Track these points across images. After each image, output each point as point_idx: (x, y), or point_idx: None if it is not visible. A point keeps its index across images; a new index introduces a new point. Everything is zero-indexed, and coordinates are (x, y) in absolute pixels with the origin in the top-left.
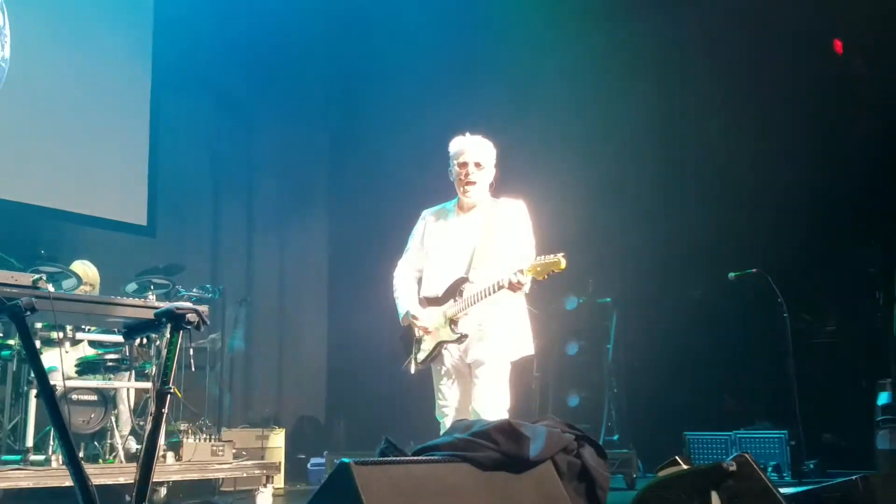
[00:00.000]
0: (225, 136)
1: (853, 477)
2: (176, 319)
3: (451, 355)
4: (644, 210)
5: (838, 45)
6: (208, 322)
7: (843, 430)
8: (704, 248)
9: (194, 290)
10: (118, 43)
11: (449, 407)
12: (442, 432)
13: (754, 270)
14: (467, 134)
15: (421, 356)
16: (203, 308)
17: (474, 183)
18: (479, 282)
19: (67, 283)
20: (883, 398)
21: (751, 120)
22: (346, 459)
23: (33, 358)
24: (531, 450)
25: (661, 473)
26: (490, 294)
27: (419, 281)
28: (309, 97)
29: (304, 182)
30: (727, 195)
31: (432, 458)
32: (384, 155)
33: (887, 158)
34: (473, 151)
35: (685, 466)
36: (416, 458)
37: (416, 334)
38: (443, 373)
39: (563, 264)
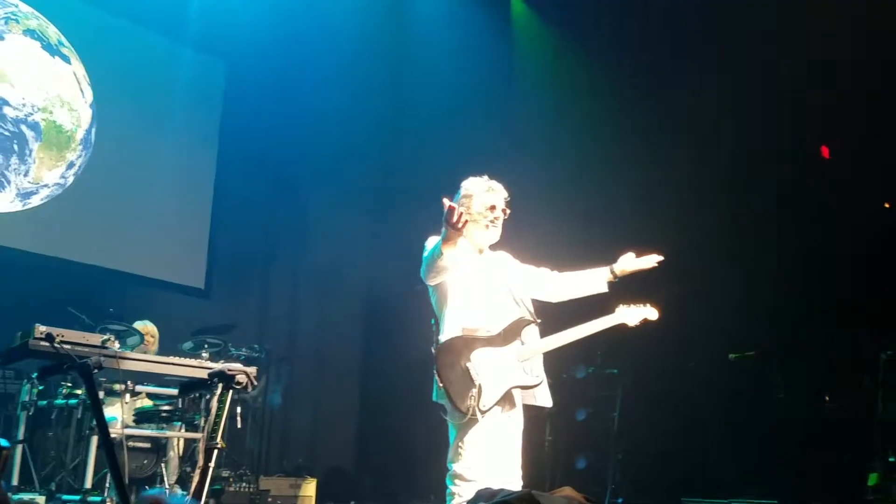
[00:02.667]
0: (278, 212)
1: None
2: (227, 380)
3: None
4: (646, 290)
5: (825, 150)
6: (256, 383)
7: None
8: (706, 326)
9: (243, 349)
10: (189, 124)
11: (476, 468)
12: (454, 499)
13: (753, 353)
14: (486, 177)
15: (489, 400)
16: (252, 370)
17: (496, 228)
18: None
19: (131, 340)
20: (873, 479)
21: (745, 209)
22: None
23: (97, 411)
24: None
25: None
26: (597, 329)
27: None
28: (354, 183)
29: (345, 256)
30: (727, 278)
31: None
32: (417, 239)
33: (868, 252)
34: (503, 198)
35: None
36: None
37: (475, 380)
38: (493, 424)
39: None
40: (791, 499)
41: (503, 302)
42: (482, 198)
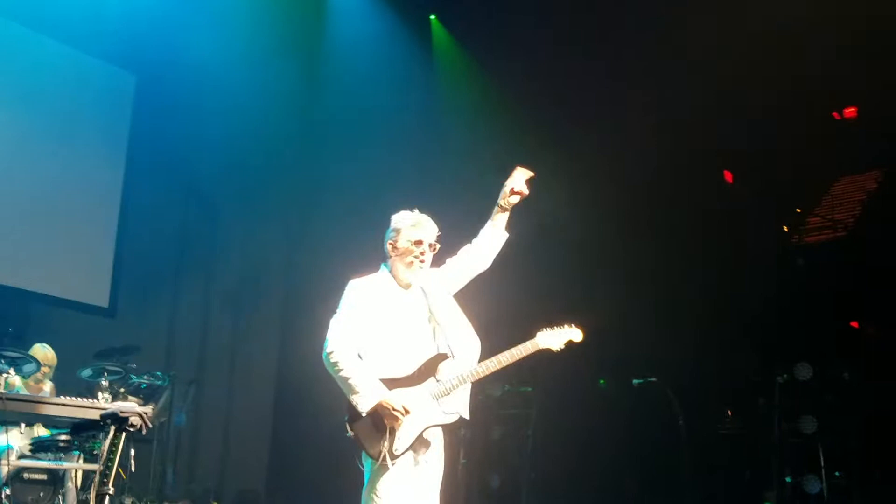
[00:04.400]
0: (190, 225)
1: None
2: (120, 422)
3: (430, 433)
4: (560, 309)
5: (728, 175)
6: (151, 425)
7: None
8: (612, 348)
9: (145, 376)
10: (93, 132)
11: None
12: None
13: (654, 379)
14: (416, 211)
15: (402, 444)
16: (147, 409)
17: (424, 263)
18: (459, 357)
19: (28, 368)
20: None
21: (651, 237)
22: None
23: None
24: None
25: None
26: (517, 357)
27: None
28: (269, 194)
29: (260, 270)
30: (633, 302)
31: None
32: (337, 250)
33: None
34: (431, 233)
35: None
36: None
37: (388, 423)
38: (407, 470)
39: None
40: None
41: (421, 340)
42: (408, 233)
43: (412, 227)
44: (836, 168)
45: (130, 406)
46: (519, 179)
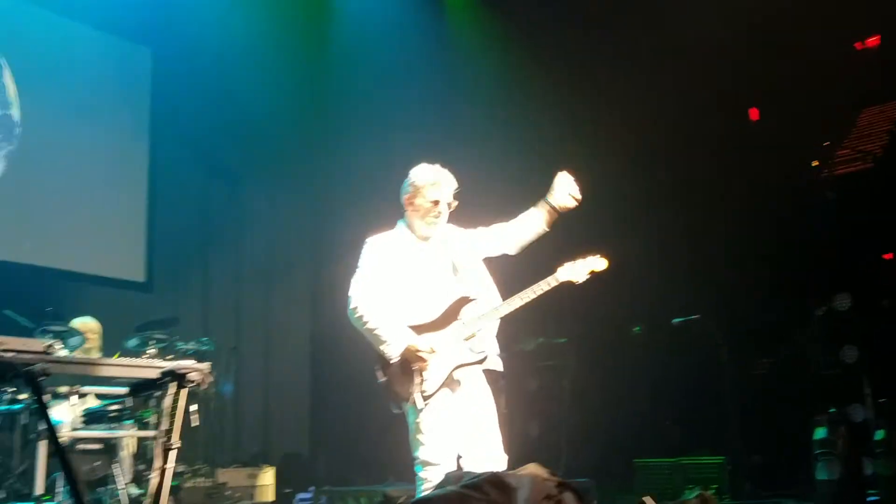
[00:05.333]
0: (216, 200)
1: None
2: (179, 378)
3: (468, 376)
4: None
5: (754, 112)
6: (212, 379)
7: (777, 456)
8: (645, 293)
9: (191, 343)
10: (119, 115)
11: (439, 452)
12: (424, 483)
13: (696, 317)
14: (438, 166)
15: (432, 385)
16: (205, 366)
17: (441, 217)
18: (483, 300)
19: (73, 341)
20: (819, 433)
21: (681, 177)
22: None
23: (45, 418)
24: (519, 499)
25: None
26: (538, 293)
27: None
28: (294, 166)
29: (288, 239)
30: (665, 244)
31: None
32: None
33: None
34: (450, 191)
35: None
36: None
37: (415, 366)
38: (445, 406)
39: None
40: (737, 455)
41: (443, 289)
42: (427, 192)
43: (432, 185)
44: (860, 99)
45: (189, 363)
46: (570, 184)
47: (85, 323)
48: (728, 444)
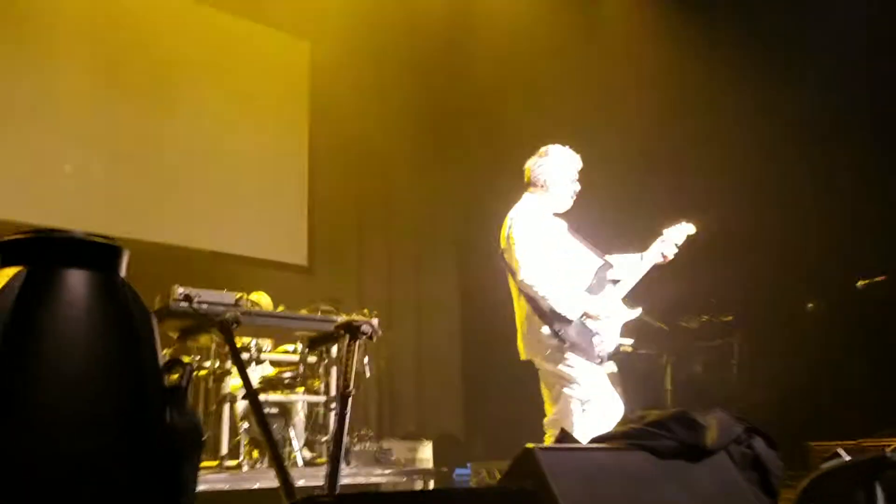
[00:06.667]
0: (368, 190)
1: None
2: (353, 330)
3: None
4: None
5: None
6: (381, 333)
7: None
8: (818, 260)
9: (354, 315)
10: (282, 114)
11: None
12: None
13: (884, 276)
14: (567, 147)
15: (608, 345)
16: (374, 321)
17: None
18: (618, 263)
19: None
20: None
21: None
22: (528, 445)
23: (238, 362)
24: (708, 439)
25: (825, 465)
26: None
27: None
28: (441, 159)
29: (436, 223)
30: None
31: (611, 445)
32: (507, 193)
33: None
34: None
35: (847, 458)
36: (594, 445)
37: (593, 328)
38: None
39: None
40: None
41: (585, 257)
42: (570, 170)
43: (572, 164)
44: None
45: (361, 318)
46: (679, 236)
47: (259, 296)
48: None
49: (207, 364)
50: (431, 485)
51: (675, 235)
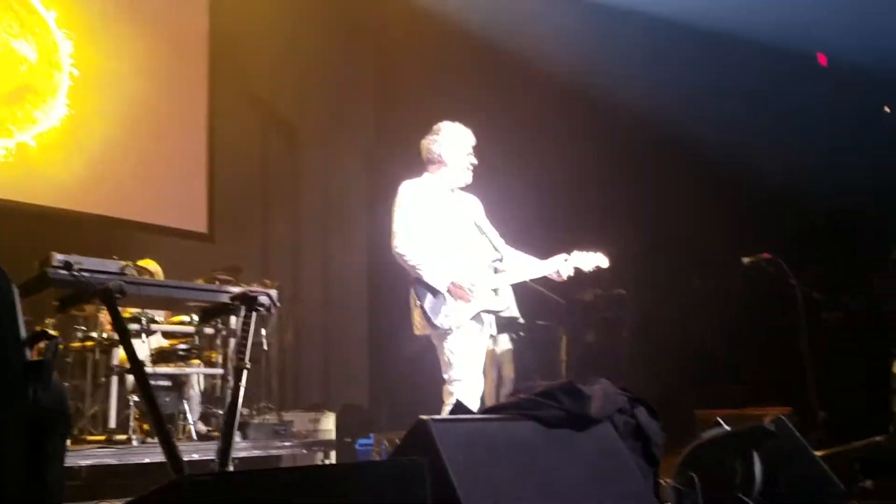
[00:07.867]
0: (273, 153)
1: (876, 437)
2: (249, 302)
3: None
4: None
5: (822, 58)
6: (279, 304)
7: (848, 402)
8: (703, 237)
9: (254, 285)
10: (179, 70)
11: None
12: (450, 399)
13: (767, 255)
14: (457, 123)
15: (466, 316)
16: (273, 291)
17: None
18: (511, 266)
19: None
20: None
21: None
22: (422, 417)
23: (123, 335)
24: (593, 408)
25: (706, 435)
26: (537, 276)
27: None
28: (346, 119)
29: (343, 191)
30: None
31: (501, 415)
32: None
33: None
34: (472, 144)
35: (727, 427)
36: (486, 415)
37: (457, 298)
38: (473, 339)
39: (607, 262)
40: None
41: (471, 237)
42: (463, 145)
43: (464, 138)
44: None
45: (258, 288)
46: (587, 264)
47: (147, 263)
48: (796, 396)
49: (94, 335)
50: (333, 456)
51: (583, 262)
